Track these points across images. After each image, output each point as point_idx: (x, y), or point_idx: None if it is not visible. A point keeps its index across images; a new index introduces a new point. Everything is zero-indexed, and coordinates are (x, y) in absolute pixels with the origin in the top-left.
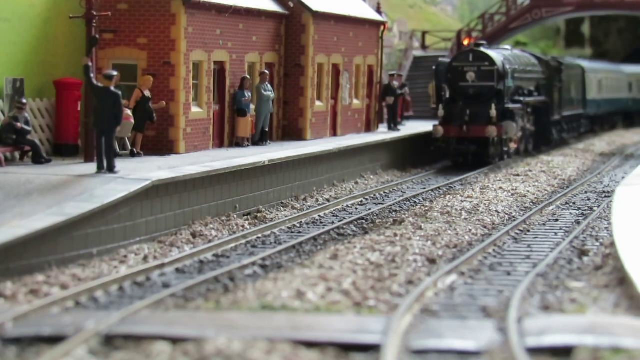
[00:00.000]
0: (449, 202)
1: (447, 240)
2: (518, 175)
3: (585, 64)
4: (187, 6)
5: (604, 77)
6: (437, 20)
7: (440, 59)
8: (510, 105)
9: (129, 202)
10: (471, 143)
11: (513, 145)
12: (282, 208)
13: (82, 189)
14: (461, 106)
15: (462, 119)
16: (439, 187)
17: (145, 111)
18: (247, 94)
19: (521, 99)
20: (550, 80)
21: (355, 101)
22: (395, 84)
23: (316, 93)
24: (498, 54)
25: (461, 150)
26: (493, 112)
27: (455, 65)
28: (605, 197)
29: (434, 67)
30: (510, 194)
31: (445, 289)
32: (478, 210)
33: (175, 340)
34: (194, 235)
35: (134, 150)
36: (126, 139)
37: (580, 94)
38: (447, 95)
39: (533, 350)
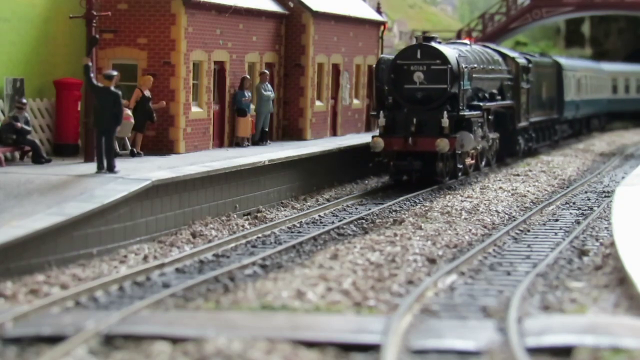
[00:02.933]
0: (449, 202)
1: (447, 240)
2: (518, 175)
3: (563, 60)
4: (187, 6)
5: (583, 76)
6: (437, 20)
7: (382, 55)
8: (467, 113)
9: (129, 202)
10: (416, 158)
11: (469, 161)
12: (282, 208)
13: (82, 189)
14: (406, 113)
15: (408, 129)
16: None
17: (145, 111)
18: (247, 94)
19: (480, 104)
20: (517, 81)
21: (355, 101)
22: None
23: (316, 93)
24: (452, 50)
25: (403, 167)
26: (445, 120)
27: (400, 64)
28: (605, 197)
29: (374, 65)
30: (510, 194)
31: (445, 289)
32: (478, 210)
33: (175, 340)
34: (194, 235)
35: (134, 150)
36: (126, 139)
37: (556, 95)
38: (390, 100)
39: (533, 350)
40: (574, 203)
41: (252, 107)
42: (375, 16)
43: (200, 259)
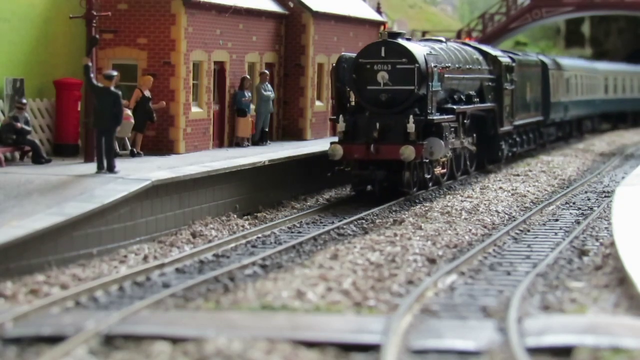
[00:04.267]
0: (449, 202)
1: (447, 240)
2: (518, 175)
3: (549, 59)
4: (187, 6)
5: (573, 76)
6: (437, 20)
7: (344, 53)
8: (437, 117)
9: (129, 202)
10: (380, 167)
11: (439, 170)
12: (282, 208)
13: (82, 189)
14: (368, 118)
15: (370, 135)
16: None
17: (145, 111)
18: (247, 94)
19: (454, 107)
20: (499, 81)
21: None
22: None
23: (316, 93)
24: (421, 48)
25: (365, 177)
26: (411, 125)
27: (363, 62)
28: (605, 197)
29: (333, 64)
30: (510, 194)
31: (445, 289)
32: (478, 210)
33: (175, 340)
34: (194, 235)
35: (134, 150)
36: (126, 139)
37: (541, 96)
38: (352, 103)
39: (533, 350)
40: (574, 203)
41: (252, 107)
42: (375, 16)
43: (200, 259)
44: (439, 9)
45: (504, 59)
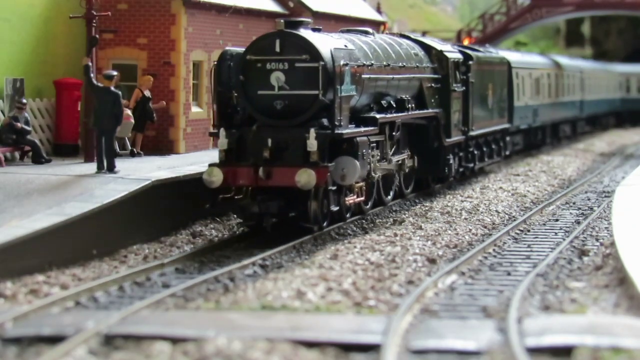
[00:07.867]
0: (449, 202)
1: (447, 240)
2: (518, 175)
3: (515, 56)
4: (187, 6)
5: (545, 74)
6: (437, 20)
7: (228, 48)
8: (349, 130)
9: (129, 202)
10: (272, 197)
11: (353, 200)
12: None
13: (82, 189)
14: (256, 132)
15: (259, 155)
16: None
17: (145, 111)
18: None
19: (377, 116)
20: (446, 82)
21: None
22: None
23: None
24: (329, 41)
25: (251, 210)
26: (312, 142)
27: (252, 60)
28: (605, 197)
29: (214, 62)
30: (510, 194)
31: (446, 289)
32: (478, 210)
33: (175, 340)
34: (194, 235)
35: (134, 150)
36: (126, 139)
37: (507, 99)
38: (240, 113)
39: (533, 350)
40: (574, 203)
41: None
42: (375, 16)
43: (201, 259)
44: (439, 9)
45: (453, 55)
